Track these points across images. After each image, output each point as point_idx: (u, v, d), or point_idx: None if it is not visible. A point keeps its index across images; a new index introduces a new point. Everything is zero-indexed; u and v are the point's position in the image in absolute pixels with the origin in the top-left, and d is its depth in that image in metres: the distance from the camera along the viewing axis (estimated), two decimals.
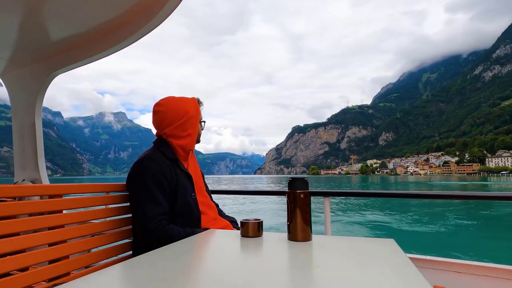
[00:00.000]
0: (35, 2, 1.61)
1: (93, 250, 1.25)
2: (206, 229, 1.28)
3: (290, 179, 1.00)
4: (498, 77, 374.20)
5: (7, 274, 0.93)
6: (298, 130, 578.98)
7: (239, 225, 1.07)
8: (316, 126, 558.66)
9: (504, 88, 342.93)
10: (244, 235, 1.02)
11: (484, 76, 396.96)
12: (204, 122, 1.55)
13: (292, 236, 0.96)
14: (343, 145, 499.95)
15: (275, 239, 0.99)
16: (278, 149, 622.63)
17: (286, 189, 1.01)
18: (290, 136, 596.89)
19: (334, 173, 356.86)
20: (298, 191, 0.97)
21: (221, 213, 1.60)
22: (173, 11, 1.71)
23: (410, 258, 0.83)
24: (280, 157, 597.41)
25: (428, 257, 1.53)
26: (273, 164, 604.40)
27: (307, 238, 0.95)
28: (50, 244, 1.08)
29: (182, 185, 1.32)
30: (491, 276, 1.40)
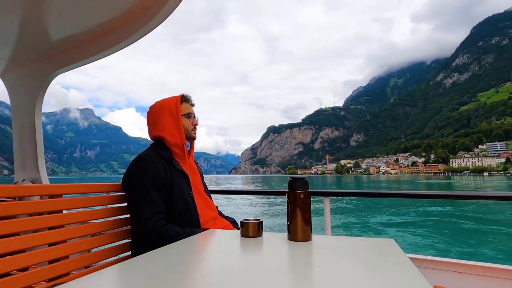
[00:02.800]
0: (35, 2, 1.60)
1: (93, 250, 1.25)
2: (206, 229, 1.28)
3: (290, 179, 0.99)
4: (456, 84, 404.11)
5: (7, 274, 0.93)
6: (273, 130, 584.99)
7: (239, 225, 1.07)
8: (290, 126, 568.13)
9: (462, 94, 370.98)
10: (244, 235, 1.01)
11: (445, 82, 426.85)
12: (189, 114, 1.48)
13: (292, 236, 0.96)
14: (316, 145, 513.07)
15: (275, 239, 0.98)
16: (253, 149, 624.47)
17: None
18: (265, 136, 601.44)
19: (311, 173, 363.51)
20: (298, 191, 0.96)
21: (220, 213, 1.59)
22: (172, 11, 1.70)
23: (410, 258, 0.82)
24: (255, 156, 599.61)
25: (428, 257, 1.54)
26: (248, 164, 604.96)
27: (307, 238, 0.95)
28: (50, 244, 1.08)
29: (177, 184, 1.32)
30: (491, 276, 1.40)
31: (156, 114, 1.42)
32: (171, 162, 1.36)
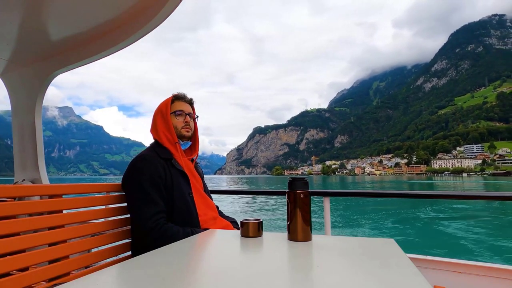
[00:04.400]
0: (35, 2, 1.61)
1: (93, 250, 1.26)
2: (206, 229, 1.28)
3: (290, 179, 1.00)
4: (435, 88, 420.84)
5: (7, 274, 0.93)
6: (259, 131, 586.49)
7: (239, 225, 1.07)
8: (276, 127, 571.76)
9: (440, 99, 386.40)
10: (244, 235, 1.01)
11: (424, 87, 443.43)
12: (177, 111, 1.46)
13: (292, 236, 0.96)
14: (302, 146, 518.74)
15: (275, 239, 0.98)
16: (239, 149, 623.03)
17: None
18: (251, 136, 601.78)
19: (297, 173, 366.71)
20: (298, 191, 0.97)
21: (221, 213, 1.59)
22: (173, 11, 1.71)
23: (410, 258, 0.82)
24: (241, 157, 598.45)
25: (428, 257, 1.54)
26: (234, 164, 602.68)
27: (307, 238, 0.95)
28: (50, 244, 1.08)
29: (177, 184, 1.33)
30: (491, 276, 1.41)
31: (153, 116, 1.46)
32: (170, 161, 1.37)
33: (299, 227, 0.95)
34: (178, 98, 1.49)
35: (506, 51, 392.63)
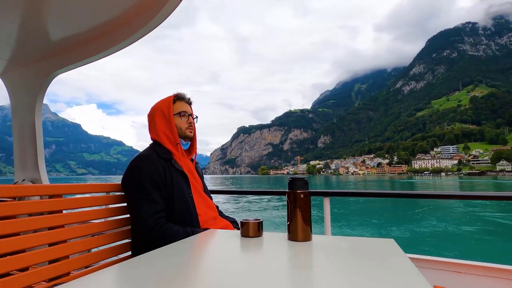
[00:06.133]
0: (35, 2, 1.60)
1: (93, 250, 1.24)
2: (206, 229, 1.26)
3: (290, 179, 0.98)
4: (413, 91, 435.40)
5: (7, 274, 0.92)
6: (244, 131, 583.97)
7: (239, 225, 1.06)
8: (261, 127, 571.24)
9: (418, 101, 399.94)
10: (244, 235, 1.00)
11: (403, 89, 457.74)
12: (181, 112, 1.44)
13: (292, 236, 0.94)
14: (285, 146, 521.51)
15: (275, 239, 0.97)
16: (223, 149, 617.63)
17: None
18: (235, 136, 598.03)
19: (283, 173, 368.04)
20: (298, 191, 0.95)
21: (221, 213, 1.58)
22: (173, 11, 1.70)
23: (410, 258, 0.81)
24: (225, 157, 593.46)
25: (428, 257, 1.53)
26: (218, 164, 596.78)
27: (307, 238, 0.94)
28: (50, 244, 1.06)
29: (177, 184, 1.31)
30: (491, 276, 1.40)
31: (152, 115, 1.42)
32: (170, 161, 1.34)
33: (299, 227, 0.93)
34: (180, 98, 1.46)
35: (478, 57, 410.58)
